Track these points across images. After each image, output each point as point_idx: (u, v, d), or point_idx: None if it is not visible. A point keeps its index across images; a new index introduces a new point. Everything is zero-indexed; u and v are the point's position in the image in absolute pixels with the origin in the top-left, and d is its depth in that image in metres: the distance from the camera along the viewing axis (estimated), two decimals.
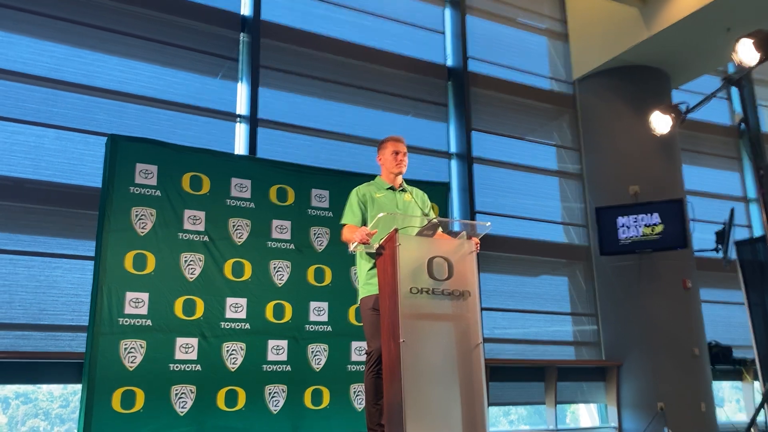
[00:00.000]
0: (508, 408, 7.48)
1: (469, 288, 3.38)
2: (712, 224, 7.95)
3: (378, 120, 7.07)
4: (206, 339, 4.99)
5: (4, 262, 5.09)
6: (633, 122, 7.71)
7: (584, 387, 7.42)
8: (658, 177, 7.67)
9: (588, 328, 7.73)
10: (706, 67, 8.16)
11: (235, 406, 4.99)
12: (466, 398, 3.21)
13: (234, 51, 6.46)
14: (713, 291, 8.43)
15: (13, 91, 5.42)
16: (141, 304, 4.82)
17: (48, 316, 5.14)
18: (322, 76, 6.84)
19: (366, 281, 3.73)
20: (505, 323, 7.25)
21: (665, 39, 7.36)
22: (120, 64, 5.91)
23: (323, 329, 5.43)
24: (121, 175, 4.96)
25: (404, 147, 3.95)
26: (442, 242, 3.50)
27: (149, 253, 4.93)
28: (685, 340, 7.23)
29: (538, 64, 8.38)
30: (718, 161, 9.36)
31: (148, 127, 5.83)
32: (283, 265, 5.41)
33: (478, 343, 3.31)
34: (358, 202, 3.84)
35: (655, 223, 7.25)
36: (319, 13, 7.01)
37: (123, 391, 4.64)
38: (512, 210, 7.61)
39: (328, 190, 5.75)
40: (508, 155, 7.79)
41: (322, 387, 5.32)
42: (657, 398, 7.02)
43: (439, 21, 7.83)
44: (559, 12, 8.65)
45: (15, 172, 5.27)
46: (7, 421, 5.39)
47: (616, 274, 7.56)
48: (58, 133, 5.51)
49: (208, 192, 5.28)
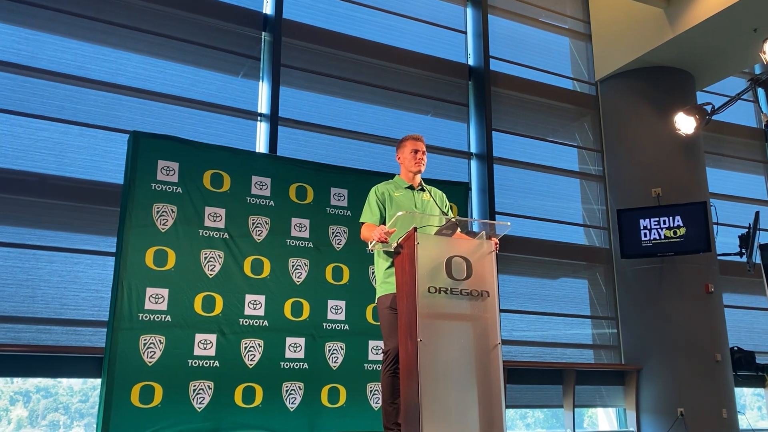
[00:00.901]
0: (524, 411, 7.42)
1: (487, 288, 3.36)
2: (736, 228, 7.84)
3: (398, 119, 7.06)
4: (225, 335, 5.02)
5: (27, 257, 5.16)
6: (656, 124, 7.63)
7: (603, 391, 7.34)
8: (680, 179, 7.57)
9: (607, 332, 7.66)
10: (731, 68, 8.03)
11: (252, 402, 5.01)
12: (484, 399, 3.18)
13: (256, 50, 6.50)
14: (736, 296, 8.31)
15: (38, 88, 5.49)
16: (161, 300, 4.86)
17: (69, 310, 5.20)
18: (343, 75, 6.85)
19: (383, 280, 3.72)
20: (524, 325, 7.20)
21: (690, 39, 7.26)
22: (143, 62, 5.97)
23: (341, 327, 5.44)
24: (143, 171, 5.01)
25: (423, 146, 3.94)
26: (461, 242, 3.47)
27: (170, 250, 4.98)
28: (707, 346, 7.12)
29: (560, 64, 8.31)
30: (743, 164, 9.21)
31: (170, 125, 5.89)
32: (302, 263, 5.43)
33: (496, 343, 3.28)
34: (376, 201, 3.84)
35: (678, 225, 7.16)
36: (340, 12, 7.03)
37: (142, 385, 4.68)
38: (532, 211, 7.55)
39: (347, 189, 5.76)
40: (528, 156, 7.73)
41: (339, 385, 5.32)
42: (677, 404, 6.93)
43: (461, 20, 7.80)
44: (581, 12, 8.58)
45: (39, 168, 5.35)
46: (28, 415, 5.46)
47: (637, 277, 7.47)
48: (81, 130, 5.58)
49: (229, 189, 5.32)
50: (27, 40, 5.55)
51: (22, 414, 5.45)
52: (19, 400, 5.51)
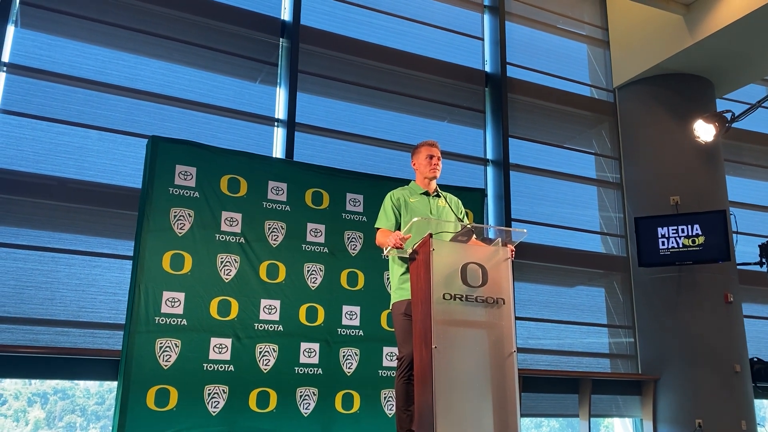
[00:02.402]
0: (540, 420, 7.37)
1: (503, 296, 3.34)
2: (757, 237, 7.74)
3: (414, 125, 7.06)
4: (240, 340, 5.03)
5: (46, 260, 5.22)
6: (674, 131, 7.56)
7: (619, 400, 7.26)
8: (699, 187, 7.49)
9: (624, 341, 7.58)
10: (752, 75, 7.95)
11: (266, 407, 5.01)
12: (499, 407, 3.16)
13: (273, 56, 6.54)
14: (756, 306, 8.20)
15: (59, 92, 5.57)
16: (177, 304, 4.89)
17: (87, 313, 5.25)
18: (360, 81, 6.87)
19: (398, 286, 3.71)
20: (540, 333, 7.15)
21: (709, 46, 7.20)
22: (162, 67, 6.03)
23: (355, 333, 5.43)
24: (161, 176, 5.05)
25: (438, 152, 3.94)
26: (477, 248, 3.46)
27: (186, 254, 5.00)
28: (726, 356, 7.03)
29: (578, 71, 8.27)
30: (764, 172, 9.09)
31: (188, 130, 5.94)
32: (317, 268, 5.44)
33: (511, 351, 3.26)
34: (392, 207, 3.84)
35: (696, 234, 7.07)
36: (357, 19, 7.05)
37: (157, 389, 4.70)
38: (549, 218, 7.51)
39: (363, 195, 5.76)
40: (545, 163, 7.69)
41: (353, 391, 5.31)
42: (695, 415, 6.84)
43: (478, 27, 7.80)
44: (600, 18, 8.54)
45: (59, 171, 5.41)
46: (45, 416, 5.51)
47: (654, 286, 7.39)
48: (101, 135, 5.64)
49: (245, 194, 5.34)
50: (48, 46, 5.63)
51: (39, 415, 5.50)
52: (37, 402, 5.57)
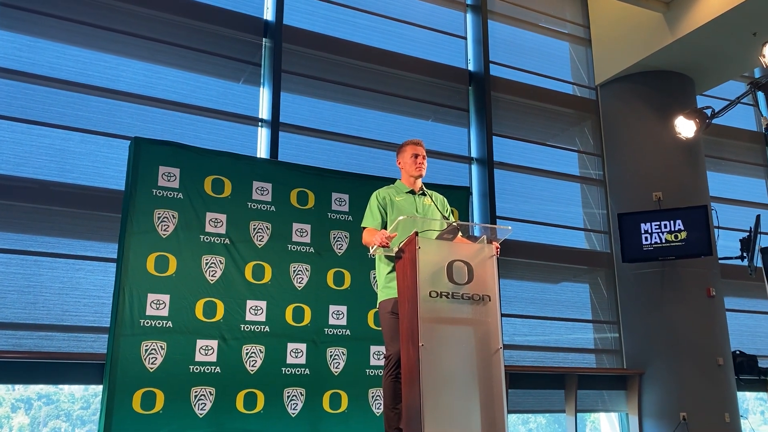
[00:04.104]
0: (527, 416, 7.41)
1: (489, 293, 3.36)
2: (737, 231, 7.84)
3: (398, 124, 7.07)
4: (226, 341, 5.01)
5: (29, 264, 5.16)
6: (656, 128, 7.64)
7: (605, 395, 7.32)
8: (681, 183, 7.57)
9: (609, 336, 7.64)
10: (731, 72, 8.04)
11: (253, 408, 5.00)
12: (486, 404, 3.18)
13: (256, 56, 6.51)
14: (738, 300, 8.30)
15: (39, 94, 5.50)
16: (162, 306, 4.86)
17: (71, 317, 5.20)
18: (344, 80, 6.86)
19: (385, 284, 3.72)
20: (526, 330, 7.19)
21: (689, 44, 7.28)
22: (144, 68, 5.99)
23: (342, 333, 5.43)
24: (144, 177, 5.01)
25: (423, 150, 3.95)
26: (463, 246, 3.48)
27: (171, 255, 4.97)
28: (709, 350, 7.11)
29: (560, 69, 8.33)
30: (744, 168, 9.22)
31: (171, 131, 5.90)
32: (303, 268, 5.43)
33: (498, 348, 3.28)
34: (377, 206, 3.84)
35: (679, 229, 7.15)
36: (341, 18, 7.04)
37: (143, 392, 4.67)
38: (533, 216, 7.55)
39: (348, 194, 5.76)
40: (529, 160, 7.74)
41: (341, 391, 5.31)
42: (680, 408, 6.91)
43: (461, 26, 7.82)
44: (581, 17, 8.60)
45: (41, 174, 5.35)
46: (30, 422, 5.46)
47: (638, 282, 7.47)
48: (83, 136, 5.59)
49: (230, 195, 5.32)
50: (28, 47, 5.56)
51: (23, 421, 5.44)
52: (21, 408, 5.51)
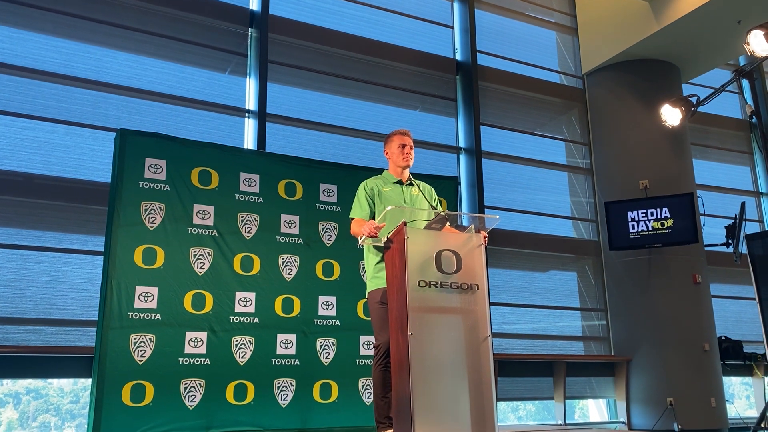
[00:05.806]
0: (516, 403, 7.47)
1: (477, 281, 3.37)
2: (723, 219, 7.90)
3: (386, 115, 7.07)
4: (215, 333, 5.01)
5: (15, 258, 5.12)
6: (642, 116, 7.68)
7: (593, 382, 7.40)
8: (667, 171, 7.62)
9: (597, 323, 7.71)
10: (716, 60, 8.09)
11: (244, 399, 5.00)
12: (475, 391, 3.20)
13: (242, 46, 6.47)
14: (724, 286, 8.39)
15: (23, 86, 5.45)
16: (150, 299, 4.84)
17: (58, 310, 5.17)
18: (331, 71, 6.84)
19: (374, 275, 3.73)
20: (514, 318, 7.24)
21: (675, 32, 7.31)
22: (129, 59, 5.94)
23: (332, 323, 5.44)
24: (130, 169, 4.98)
25: (411, 140, 3.94)
26: (451, 236, 3.48)
27: (158, 248, 4.96)
28: (695, 336, 7.19)
29: (547, 58, 8.34)
30: (729, 155, 9.29)
31: (157, 123, 5.86)
32: (292, 259, 5.43)
33: (486, 336, 3.30)
34: (365, 196, 3.84)
35: (665, 217, 7.21)
36: (327, 8, 7.01)
37: (133, 384, 4.66)
38: (521, 205, 7.59)
39: (336, 185, 5.75)
40: (516, 150, 7.76)
41: (331, 381, 5.33)
42: (666, 393, 7.00)
43: (448, 15, 7.81)
44: (568, 6, 8.61)
45: (25, 167, 5.31)
46: (18, 417, 5.43)
47: (625, 269, 7.53)
48: (68, 129, 5.54)
49: (217, 186, 5.30)
50: (11, 39, 5.50)
51: (12, 416, 5.42)
52: (9, 402, 5.48)
